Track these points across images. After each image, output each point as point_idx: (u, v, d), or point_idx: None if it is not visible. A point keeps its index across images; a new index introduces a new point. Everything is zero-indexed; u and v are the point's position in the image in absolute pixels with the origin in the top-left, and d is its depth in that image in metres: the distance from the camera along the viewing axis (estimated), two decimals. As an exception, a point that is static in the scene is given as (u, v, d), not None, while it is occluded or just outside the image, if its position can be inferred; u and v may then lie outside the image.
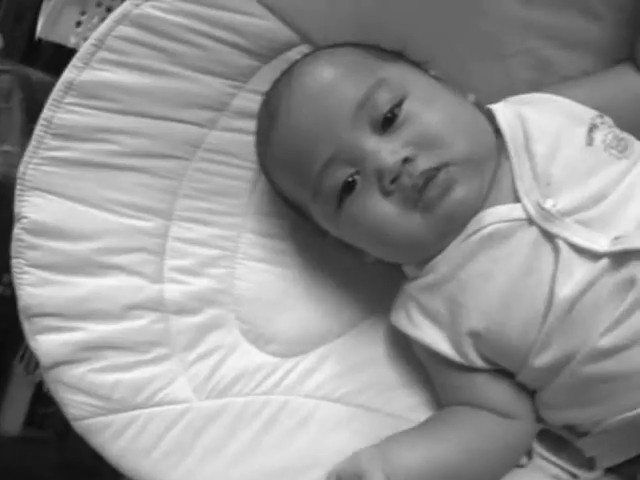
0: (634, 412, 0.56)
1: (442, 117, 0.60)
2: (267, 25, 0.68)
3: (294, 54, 0.69)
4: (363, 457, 0.58)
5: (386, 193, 0.59)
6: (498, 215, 0.60)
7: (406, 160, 0.58)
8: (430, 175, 0.58)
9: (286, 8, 0.68)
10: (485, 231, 0.59)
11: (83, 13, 0.83)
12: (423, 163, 0.58)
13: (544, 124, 0.61)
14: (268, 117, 0.66)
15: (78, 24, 0.83)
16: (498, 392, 0.62)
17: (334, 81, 0.61)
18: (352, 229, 0.63)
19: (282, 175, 0.67)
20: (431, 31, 0.68)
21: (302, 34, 0.69)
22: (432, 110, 0.60)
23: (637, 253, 0.55)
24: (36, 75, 0.88)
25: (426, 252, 0.62)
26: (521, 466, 0.63)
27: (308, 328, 0.71)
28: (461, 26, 0.67)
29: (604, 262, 0.56)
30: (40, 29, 0.83)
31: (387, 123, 0.60)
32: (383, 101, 0.60)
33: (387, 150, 0.59)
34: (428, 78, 0.64)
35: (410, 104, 0.60)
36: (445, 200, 0.58)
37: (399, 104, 0.60)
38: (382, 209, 0.60)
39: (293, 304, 0.71)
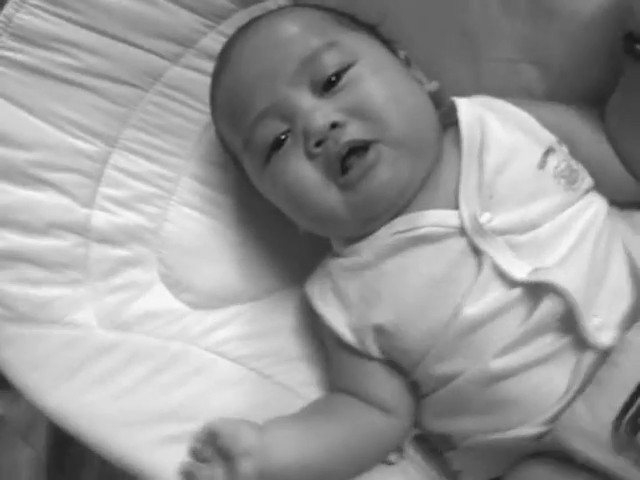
0: (499, 435, 0.57)
1: (384, 92, 0.58)
2: (249, -31, 0.66)
3: (271, 4, 0.67)
4: (243, 438, 0.57)
5: (310, 155, 0.58)
6: (434, 219, 0.59)
7: (335, 125, 0.57)
8: (355, 146, 0.57)
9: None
10: (418, 232, 0.59)
11: None
12: (352, 132, 0.57)
13: (502, 136, 0.60)
14: (221, 61, 0.65)
15: None
16: (385, 385, 0.62)
17: (286, 35, 0.60)
18: (274, 187, 0.62)
19: (221, 119, 0.66)
20: (412, 13, 0.65)
21: (283, -15, 0.67)
22: (375, 82, 0.58)
23: (549, 287, 0.54)
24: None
25: (348, 231, 0.62)
26: (391, 463, 0.64)
27: (225, 285, 0.71)
28: (443, 16, 0.64)
29: (517, 291, 0.56)
30: None
31: (329, 86, 0.58)
32: (330, 63, 0.58)
33: (320, 112, 0.57)
34: (385, 52, 0.62)
35: (356, 71, 0.58)
36: (367, 179, 0.57)
37: (346, 69, 0.58)
38: (303, 171, 0.58)
39: (216, 258, 0.71)
